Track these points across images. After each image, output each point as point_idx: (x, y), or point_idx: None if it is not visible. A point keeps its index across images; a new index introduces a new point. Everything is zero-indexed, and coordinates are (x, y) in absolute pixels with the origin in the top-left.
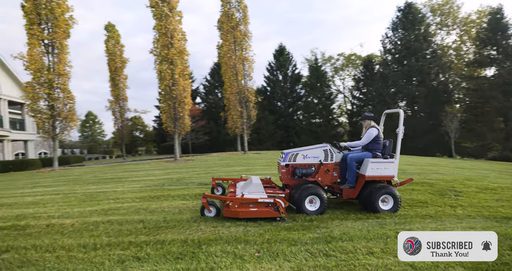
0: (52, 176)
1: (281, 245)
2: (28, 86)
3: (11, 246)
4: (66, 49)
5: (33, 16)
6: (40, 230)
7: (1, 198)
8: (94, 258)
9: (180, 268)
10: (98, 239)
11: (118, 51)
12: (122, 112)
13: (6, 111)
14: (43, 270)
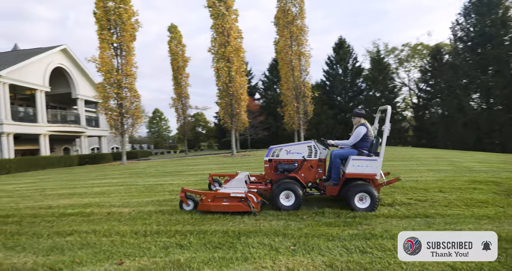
0: (120, 169)
1: (319, 239)
2: (100, 87)
3: (75, 230)
4: (132, 51)
5: (103, 22)
6: (101, 217)
7: (75, 187)
8: (143, 244)
9: (216, 256)
10: (149, 227)
11: (180, 51)
12: (184, 109)
13: (83, 109)
14: (98, 252)
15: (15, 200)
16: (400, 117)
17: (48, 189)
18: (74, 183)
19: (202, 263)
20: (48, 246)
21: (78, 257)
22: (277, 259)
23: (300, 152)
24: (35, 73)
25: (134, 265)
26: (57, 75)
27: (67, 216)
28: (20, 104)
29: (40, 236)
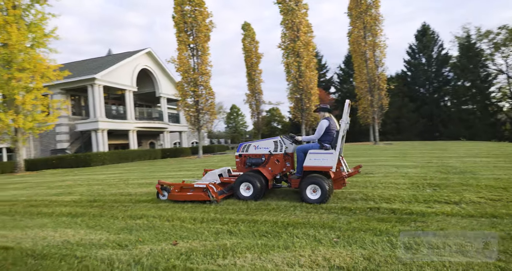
0: (195, 162)
1: (365, 234)
2: (179, 86)
3: (145, 214)
4: (207, 51)
5: (181, 25)
6: (168, 205)
7: (153, 178)
8: (198, 229)
9: (260, 243)
10: (207, 214)
11: (253, 48)
12: (257, 105)
13: (165, 107)
14: (159, 233)
15: (103, 187)
16: (495, 109)
17: (131, 179)
18: (154, 174)
19: (245, 248)
20: (120, 226)
21: (142, 237)
22: (316, 249)
23: (266, 146)
24: (125, 75)
25: (186, 246)
26: (143, 76)
27: (141, 203)
28: (112, 103)
29: (116, 218)
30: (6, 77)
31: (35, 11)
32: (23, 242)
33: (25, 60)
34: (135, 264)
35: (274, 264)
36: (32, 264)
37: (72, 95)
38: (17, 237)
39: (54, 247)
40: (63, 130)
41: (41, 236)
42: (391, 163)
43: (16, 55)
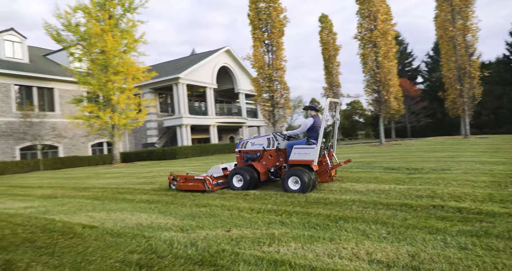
0: None
1: (419, 231)
2: (254, 81)
3: (209, 203)
4: (281, 46)
5: (256, 22)
6: (232, 195)
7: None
8: (253, 218)
9: (306, 233)
10: (265, 205)
11: (331, 40)
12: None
13: (243, 102)
14: (218, 220)
15: None
16: None
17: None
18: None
19: (291, 238)
20: (186, 213)
21: (202, 223)
22: (361, 243)
23: (261, 143)
24: (206, 73)
25: (238, 233)
26: (223, 73)
27: (209, 193)
28: (196, 100)
29: (184, 206)
30: (104, 80)
31: (126, 20)
32: (106, 222)
33: (119, 64)
34: (191, 246)
35: (315, 254)
36: (109, 240)
37: (160, 94)
38: (102, 218)
39: (129, 227)
40: (152, 126)
41: (121, 218)
42: (477, 159)
43: (111, 60)
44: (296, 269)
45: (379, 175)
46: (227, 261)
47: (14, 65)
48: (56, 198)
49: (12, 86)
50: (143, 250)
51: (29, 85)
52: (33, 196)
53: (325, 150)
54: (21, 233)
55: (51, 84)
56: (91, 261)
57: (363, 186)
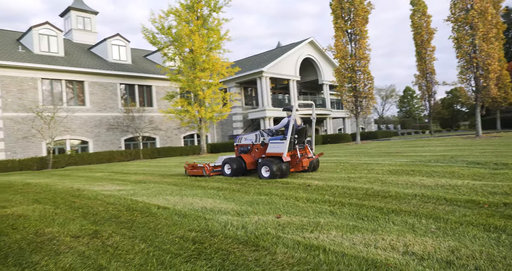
0: (350, 148)
1: (473, 228)
2: (336, 72)
3: (270, 192)
4: (365, 35)
5: (338, 11)
6: (295, 186)
7: None
8: (306, 207)
9: (351, 223)
10: (322, 196)
11: (424, 23)
12: (429, 86)
13: (327, 94)
14: (273, 208)
15: None
16: None
17: None
18: None
19: (334, 226)
20: (247, 200)
21: (258, 209)
22: (402, 236)
23: (251, 139)
24: (288, 66)
25: (286, 219)
26: (307, 65)
27: (274, 183)
28: (279, 92)
29: (247, 194)
30: (192, 77)
31: (212, 19)
32: (177, 205)
33: (205, 62)
34: (241, 228)
35: (351, 242)
36: (175, 219)
37: (245, 87)
38: (175, 201)
39: (194, 210)
40: (238, 118)
41: (190, 202)
42: None
43: (198, 58)
44: (328, 254)
45: (457, 170)
46: (268, 243)
47: (120, 66)
48: (145, 183)
49: (118, 85)
50: (200, 229)
51: (131, 83)
52: (128, 181)
53: (299, 145)
54: (110, 211)
55: (149, 82)
56: (158, 235)
57: (433, 181)
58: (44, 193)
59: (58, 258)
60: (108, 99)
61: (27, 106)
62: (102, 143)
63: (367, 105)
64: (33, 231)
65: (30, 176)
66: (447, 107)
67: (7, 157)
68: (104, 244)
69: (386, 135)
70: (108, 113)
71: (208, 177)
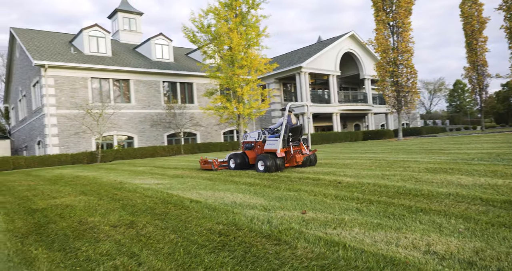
0: (390, 144)
1: (504, 230)
2: (377, 66)
3: (300, 188)
4: (408, 27)
5: (379, 4)
6: (325, 183)
7: (335, 158)
8: (333, 204)
9: (375, 221)
10: (350, 193)
11: (475, 12)
12: (480, 79)
13: (369, 88)
14: (300, 204)
15: None
16: None
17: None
18: (339, 155)
19: (358, 224)
20: (276, 196)
21: (285, 205)
22: (426, 235)
23: (254, 136)
24: (328, 61)
25: (311, 215)
26: (348, 60)
27: (305, 179)
28: (319, 88)
29: (277, 190)
30: (231, 74)
31: (250, 16)
32: (209, 199)
33: (243, 59)
34: (266, 222)
35: (373, 240)
36: (205, 213)
37: (284, 83)
38: (207, 195)
39: (224, 204)
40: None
41: (221, 197)
42: None
43: (237, 55)
44: (347, 250)
45: (501, 169)
46: (290, 237)
47: (163, 64)
48: (182, 177)
49: (161, 83)
50: (227, 223)
51: (173, 81)
52: (166, 175)
53: (294, 142)
54: (147, 203)
55: (190, 79)
56: (187, 227)
57: (472, 180)
58: (90, 185)
59: (97, 245)
60: (152, 96)
61: (78, 104)
62: (146, 139)
63: (410, 100)
64: (77, 220)
65: (80, 169)
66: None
67: (60, 151)
68: (138, 234)
69: (432, 131)
70: (151, 110)
71: (216, 171)
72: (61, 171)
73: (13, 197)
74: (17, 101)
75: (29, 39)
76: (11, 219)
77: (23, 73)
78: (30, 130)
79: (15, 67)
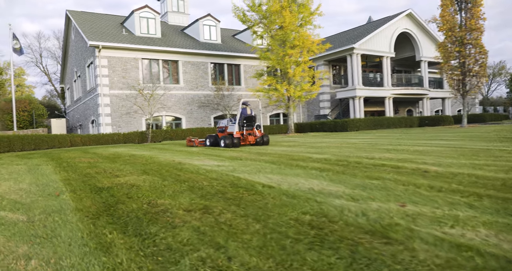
0: (455, 131)
1: None
2: (440, 47)
3: (381, 176)
4: (479, 2)
5: None
6: (408, 171)
7: (400, 145)
8: (433, 197)
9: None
10: (447, 184)
11: None
12: None
13: (426, 72)
14: (390, 194)
15: (351, 150)
16: None
17: (379, 144)
18: (403, 141)
19: (480, 222)
20: (356, 183)
21: (373, 195)
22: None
23: (224, 123)
24: (382, 42)
25: (414, 209)
26: (401, 40)
27: (381, 166)
28: (370, 71)
29: (355, 177)
30: (282, 55)
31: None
32: (282, 184)
33: (295, 38)
34: (361, 215)
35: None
36: (284, 200)
37: (333, 65)
38: (278, 180)
39: (301, 191)
40: (325, 98)
41: (295, 182)
42: None
43: (289, 35)
44: (486, 257)
45: None
46: (400, 235)
47: (210, 45)
48: (241, 160)
49: (208, 65)
50: (314, 213)
51: (221, 62)
52: (223, 157)
53: (248, 128)
54: (215, 186)
55: (238, 61)
56: (270, 216)
57: None
58: (149, 164)
59: (174, 231)
60: (200, 78)
61: (129, 84)
62: (194, 120)
63: (478, 83)
64: (147, 201)
65: (133, 148)
66: None
67: (113, 130)
68: (217, 221)
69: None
70: (199, 92)
71: (196, 147)
72: (115, 149)
73: (76, 174)
74: (72, 82)
75: (84, 21)
76: (79, 197)
77: (78, 55)
78: (85, 110)
79: (70, 49)
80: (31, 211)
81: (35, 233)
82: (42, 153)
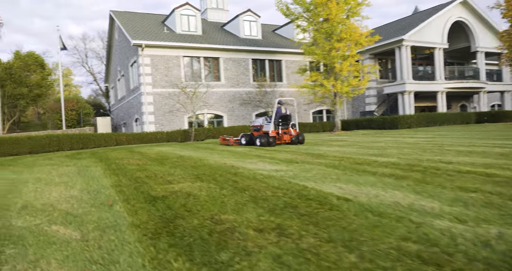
0: None
1: None
2: (504, 35)
3: (479, 188)
4: None
5: None
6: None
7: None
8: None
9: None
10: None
11: None
12: None
13: (482, 63)
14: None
15: (416, 151)
16: None
17: (446, 145)
18: (473, 141)
19: None
20: (450, 197)
21: (482, 214)
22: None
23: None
24: (433, 32)
25: None
26: (454, 30)
27: (467, 173)
28: (419, 64)
29: (444, 188)
30: (328, 48)
31: None
32: (359, 196)
33: (342, 31)
34: (482, 245)
35: None
36: (371, 219)
37: (380, 59)
38: (352, 190)
39: (386, 206)
40: (371, 93)
41: (373, 193)
42: None
43: (335, 27)
44: None
45: None
46: None
47: (251, 41)
48: (297, 163)
49: (249, 61)
50: (418, 240)
51: (262, 58)
52: (277, 159)
53: (283, 127)
54: (281, 197)
55: (279, 56)
56: (361, 242)
57: None
58: (199, 167)
59: (250, 260)
60: (241, 74)
61: (172, 82)
62: (235, 118)
63: None
64: (208, 216)
65: (178, 147)
66: None
67: (156, 129)
68: (298, 247)
69: None
70: (240, 89)
71: (231, 146)
72: (160, 148)
73: (127, 178)
74: (116, 81)
75: (127, 21)
76: (133, 209)
77: (122, 54)
78: (128, 108)
79: (114, 49)
80: (84, 225)
81: (90, 256)
82: (90, 152)
